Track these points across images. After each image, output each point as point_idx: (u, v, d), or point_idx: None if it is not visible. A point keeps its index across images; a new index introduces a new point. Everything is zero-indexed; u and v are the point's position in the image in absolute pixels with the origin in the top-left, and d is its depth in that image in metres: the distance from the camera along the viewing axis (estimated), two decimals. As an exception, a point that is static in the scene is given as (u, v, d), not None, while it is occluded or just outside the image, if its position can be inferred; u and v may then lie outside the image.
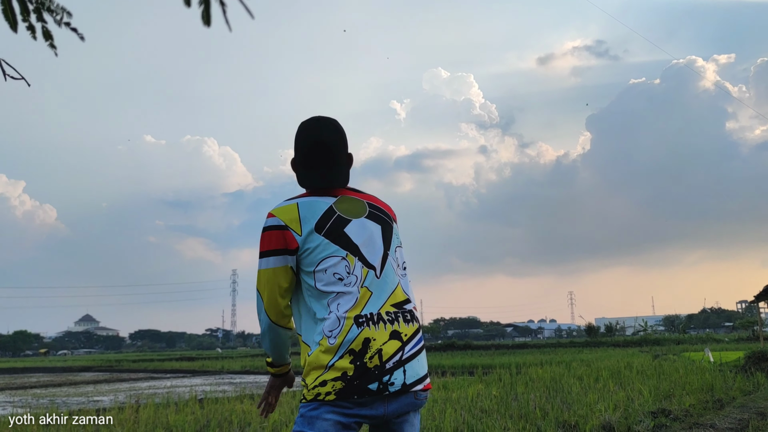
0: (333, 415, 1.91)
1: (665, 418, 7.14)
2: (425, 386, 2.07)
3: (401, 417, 2.04)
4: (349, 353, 1.93)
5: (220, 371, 28.06)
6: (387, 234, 2.18)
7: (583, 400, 8.53)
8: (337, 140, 2.16)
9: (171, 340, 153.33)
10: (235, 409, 8.71)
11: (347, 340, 1.94)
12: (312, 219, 2.07)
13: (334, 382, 1.91)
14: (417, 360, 2.05)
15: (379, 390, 1.93)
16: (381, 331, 1.99)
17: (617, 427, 6.30)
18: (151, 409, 8.92)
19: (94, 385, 20.98)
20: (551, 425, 6.40)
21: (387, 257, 2.14)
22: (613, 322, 75.24)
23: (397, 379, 1.96)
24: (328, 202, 2.12)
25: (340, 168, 2.17)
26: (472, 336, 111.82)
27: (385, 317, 2.02)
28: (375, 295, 2.05)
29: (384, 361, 1.96)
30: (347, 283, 2.02)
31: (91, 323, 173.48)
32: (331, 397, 1.91)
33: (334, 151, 2.15)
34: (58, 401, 14.04)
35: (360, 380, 1.92)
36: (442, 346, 52.72)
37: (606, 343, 48.72)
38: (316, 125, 2.16)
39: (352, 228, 2.10)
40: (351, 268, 2.04)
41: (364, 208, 2.18)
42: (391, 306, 2.07)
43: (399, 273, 2.17)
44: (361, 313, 1.99)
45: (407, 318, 2.09)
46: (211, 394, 13.65)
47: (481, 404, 8.50)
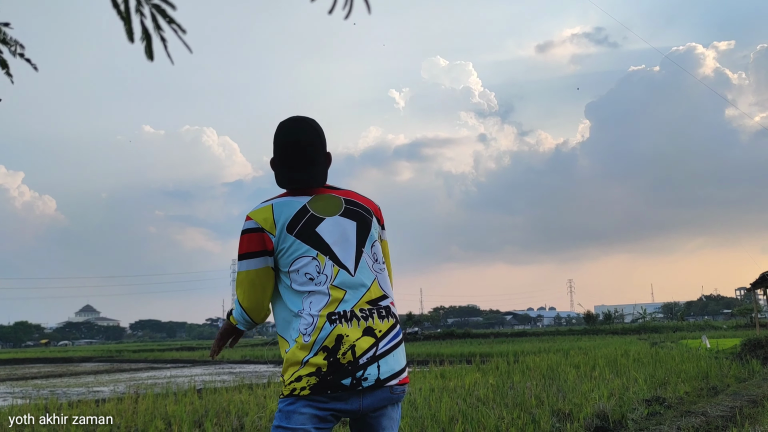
0: (309, 409, 1.96)
1: (659, 405, 7.21)
2: (401, 381, 2.10)
3: (378, 411, 2.08)
4: (323, 350, 1.98)
5: (220, 361, 28.17)
6: (363, 230, 2.19)
7: (578, 388, 8.60)
8: (314, 140, 2.18)
9: (171, 330, 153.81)
10: (233, 399, 8.77)
11: (320, 337, 1.98)
12: (284, 219, 2.10)
13: (308, 378, 1.96)
14: (392, 355, 2.08)
15: (352, 385, 1.97)
16: (354, 327, 2.02)
17: (611, 415, 6.35)
18: (150, 400, 8.98)
19: (94, 376, 21.08)
20: (546, 414, 6.45)
21: (362, 254, 2.15)
22: (612, 310, 75.47)
23: (370, 374, 2.00)
24: (302, 202, 2.15)
25: (318, 168, 2.19)
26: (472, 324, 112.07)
27: (358, 314, 2.05)
28: (349, 292, 2.07)
29: (357, 357, 1.99)
30: (318, 283, 2.06)
31: (92, 314, 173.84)
32: (305, 392, 1.96)
33: (312, 151, 2.17)
34: (58, 392, 14.13)
35: (333, 376, 1.96)
36: (441, 334, 52.90)
37: (604, 330, 48.95)
38: (294, 125, 2.19)
39: (324, 227, 2.12)
40: (321, 268, 2.07)
41: (339, 205, 2.19)
42: (366, 303, 2.09)
43: (375, 269, 2.18)
44: (335, 311, 2.02)
45: (382, 314, 2.11)
46: (210, 384, 13.73)
47: (478, 393, 8.56)
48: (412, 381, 11.16)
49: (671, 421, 6.19)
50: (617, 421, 6.23)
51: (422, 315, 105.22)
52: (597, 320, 66.03)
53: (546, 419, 6.15)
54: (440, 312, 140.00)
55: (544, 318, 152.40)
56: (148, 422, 6.85)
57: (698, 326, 51.12)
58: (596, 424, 6.04)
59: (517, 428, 5.81)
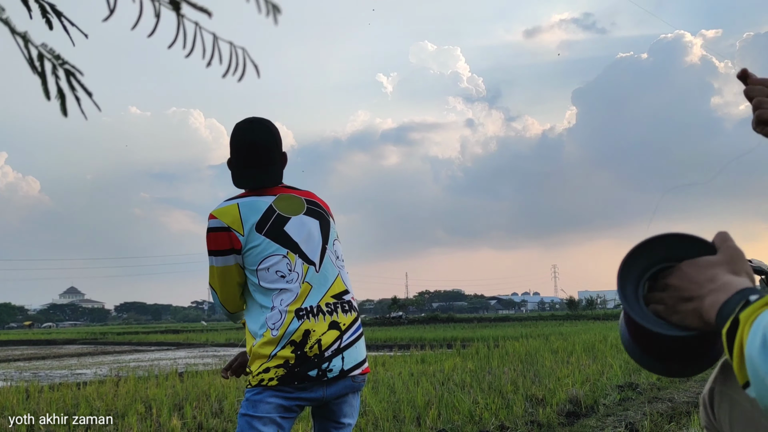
0: (275, 399, 2.06)
1: (632, 391, 7.37)
2: (363, 370, 2.23)
3: (340, 398, 2.20)
4: (291, 344, 2.07)
5: (205, 344, 28.23)
6: (325, 228, 2.30)
7: (554, 373, 8.76)
8: (270, 141, 2.26)
9: (157, 313, 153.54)
10: (213, 382, 8.86)
11: (288, 332, 2.08)
12: (253, 219, 2.18)
13: (276, 369, 2.06)
14: (355, 347, 2.20)
15: (318, 376, 2.08)
16: (321, 322, 2.13)
17: (584, 400, 6.50)
18: (132, 383, 9.06)
19: (78, 358, 21.07)
20: (520, 399, 6.60)
21: (326, 251, 2.26)
22: (595, 296, 76.25)
23: (335, 365, 2.11)
24: (268, 202, 2.23)
25: (274, 167, 2.29)
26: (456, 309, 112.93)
27: (324, 309, 2.16)
28: (315, 288, 2.18)
29: (323, 350, 2.10)
30: (289, 280, 2.14)
31: (77, 295, 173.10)
32: (273, 382, 2.05)
33: (268, 152, 2.26)
34: (41, 374, 14.15)
35: (300, 367, 2.06)
36: (425, 319, 53.23)
37: (586, 316, 49.50)
38: (250, 127, 2.27)
39: (291, 226, 2.21)
40: (292, 266, 2.16)
41: (302, 205, 2.29)
42: (331, 297, 2.20)
43: (338, 265, 2.30)
44: (302, 306, 2.12)
45: (345, 308, 2.22)
46: (192, 367, 13.81)
47: (456, 377, 8.71)
48: (393, 365, 11.31)
49: (638, 406, 6.37)
50: (589, 407, 6.38)
51: (407, 299, 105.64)
52: (580, 306, 66.72)
53: (520, 404, 6.29)
54: (425, 296, 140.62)
55: (528, 303, 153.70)
56: (129, 405, 6.93)
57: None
58: (568, 409, 6.19)
59: (491, 413, 5.94)
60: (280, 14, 0.87)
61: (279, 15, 0.87)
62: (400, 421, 5.78)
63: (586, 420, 5.84)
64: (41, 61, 0.89)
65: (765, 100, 1.09)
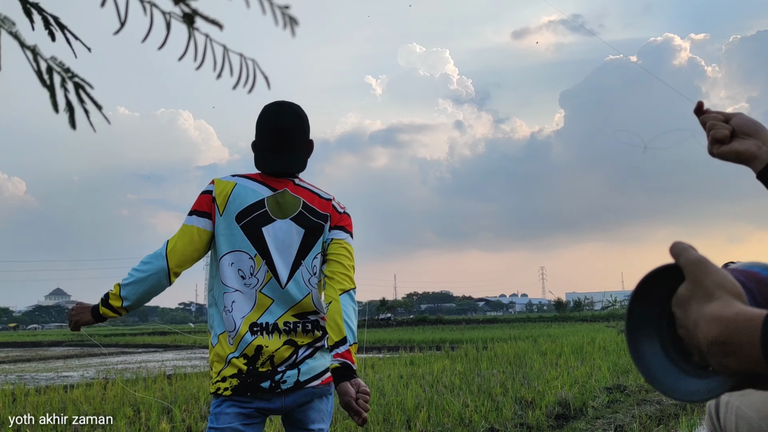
0: (233, 408, 2.01)
1: (620, 393, 7.41)
2: (323, 381, 2.11)
3: (304, 405, 2.09)
4: (243, 356, 2.01)
5: (192, 346, 28.05)
6: (308, 240, 2.13)
7: (543, 375, 8.80)
8: (297, 127, 2.16)
9: (143, 314, 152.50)
10: (202, 385, 8.81)
11: (241, 345, 2.01)
12: (238, 205, 2.08)
13: (231, 379, 2.01)
14: (313, 359, 2.10)
15: (271, 388, 2.01)
16: (275, 340, 2.03)
17: (573, 402, 6.53)
18: (119, 386, 9.00)
19: (64, 360, 20.88)
20: (509, 401, 6.62)
21: (299, 266, 2.11)
22: (583, 297, 76.59)
23: (289, 377, 2.03)
24: (263, 194, 2.11)
25: (298, 155, 2.18)
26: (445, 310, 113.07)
27: (281, 327, 2.06)
28: (275, 303, 2.07)
29: (276, 365, 2.03)
30: (247, 284, 2.06)
31: (62, 297, 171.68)
32: (228, 392, 2.01)
33: (294, 137, 2.15)
34: (26, 377, 14.01)
35: (252, 379, 2.01)
36: (413, 320, 53.28)
37: (574, 318, 49.75)
38: (279, 110, 2.17)
39: (271, 229, 2.08)
40: (255, 270, 2.06)
41: (295, 209, 2.13)
42: (292, 316, 2.08)
43: (311, 283, 2.13)
44: (257, 322, 2.04)
45: (307, 328, 2.10)
46: (180, 369, 13.73)
47: (445, 380, 8.72)
48: (382, 367, 11.30)
49: (627, 409, 6.40)
50: (578, 409, 6.41)
51: (396, 301, 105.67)
52: (567, 307, 67.03)
53: (509, 407, 6.31)
54: (414, 298, 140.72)
55: (516, 305, 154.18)
56: (117, 409, 6.88)
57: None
58: (557, 412, 6.21)
59: (481, 415, 5.95)
60: (297, 26, 0.86)
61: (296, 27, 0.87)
62: (390, 424, 5.77)
63: (575, 423, 5.86)
64: (50, 74, 0.88)
65: (718, 123, 1.27)
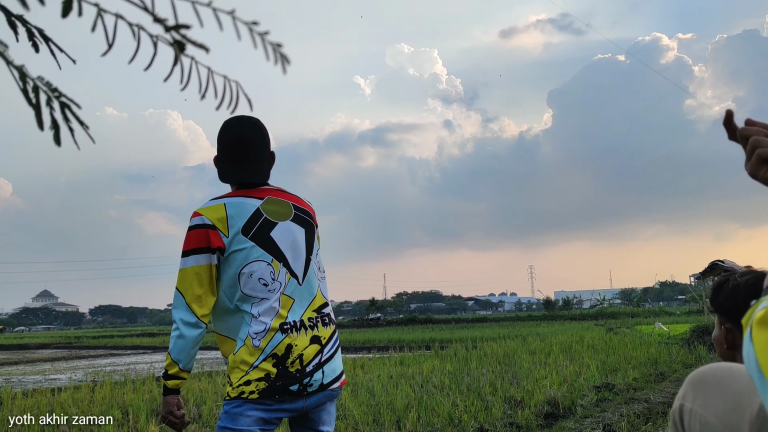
0: (256, 412, 2.05)
1: (609, 392, 7.46)
2: (342, 382, 2.26)
3: (319, 406, 2.21)
4: (272, 357, 2.07)
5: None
6: (309, 238, 2.28)
7: (532, 375, 8.83)
8: (258, 138, 2.24)
9: (132, 316, 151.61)
10: (191, 387, 8.78)
11: (271, 345, 2.07)
12: (239, 220, 2.13)
13: (257, 382, 2.04)
14: (334, 360, 2.23)
15: (299, 391, 2.09)
16: (302, 336, 2.13)
17: (562, 401, 6.56)
18: (108, 388, 8.95)
19: (51, 363, 20.75)
20: (498, 401, 6.64)
21: (309, 262, 2.25)
22: (571, 296, 76.89)
23: (316, 380, 2.13)
24: (256, 204, 2.18)
25: (261, 164, 2.25)
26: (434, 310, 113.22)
27: (307, 323, 2.16)
28: (297, 302, 2.17)
29: (305, 365, 2.11)
30: (271, 289, 2.12)
31: (50, 299, 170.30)
32: (254, 396, 2.04)
33: (256, 148, 2.22)
34: (13, 380, 13.91)
35: (282, 382, 2.06)
36: (403, 320, 53.28)
37: (563, 316, 49.93)
38: (239, 122, 2.24)
39: (277, 232, 2.18)
40: (276, 275, 2.13)
41: (289, 210, 2.25)
42: (313, 311, 2.20)
43: (319, 277, 2.29)
44: (286, 321, 2.12)
45: (325, 321, 2.23)
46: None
47: (435, 380, 8.74)
48: (372, 368, 11.32)
49: (615, 407, 6.45)
50: (567, 408, 6.44)
51: (385, 300, 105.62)
52: (556, 306, 67.27)
53: (498, 406, 6.33)
54: (403, 297, 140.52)
55: (506, 304, 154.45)
56: (105, 411, 6.84)
57: (653, 312, 52.45)
58: (546, 411, 6.24)
59: (470, 415, 5.97)
60: (289, 65, 0.88)
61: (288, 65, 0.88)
62: (380, 424, 5.78)
63: (564, 422, 5.89)
64: (36, 92, 0.88)
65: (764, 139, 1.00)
